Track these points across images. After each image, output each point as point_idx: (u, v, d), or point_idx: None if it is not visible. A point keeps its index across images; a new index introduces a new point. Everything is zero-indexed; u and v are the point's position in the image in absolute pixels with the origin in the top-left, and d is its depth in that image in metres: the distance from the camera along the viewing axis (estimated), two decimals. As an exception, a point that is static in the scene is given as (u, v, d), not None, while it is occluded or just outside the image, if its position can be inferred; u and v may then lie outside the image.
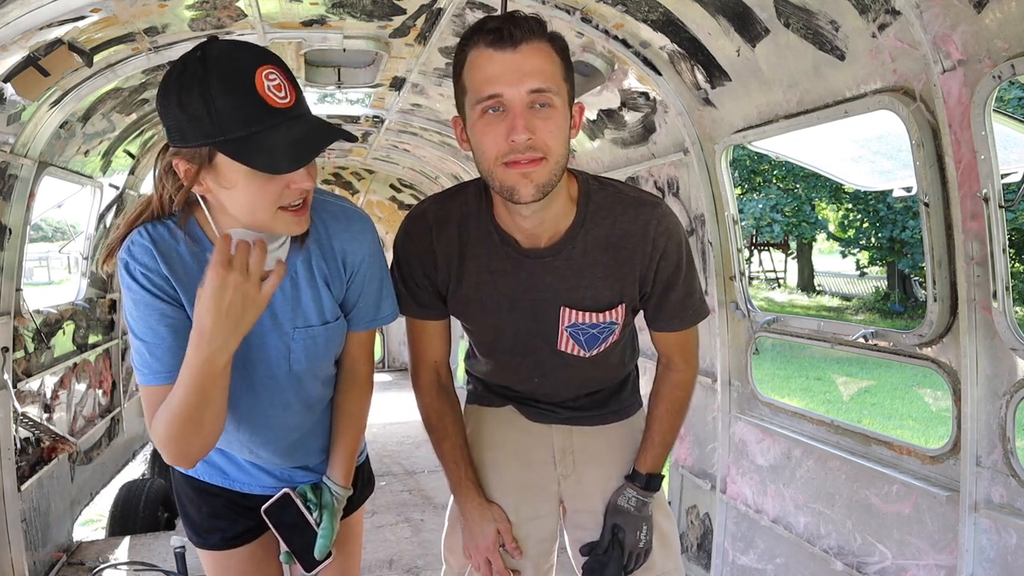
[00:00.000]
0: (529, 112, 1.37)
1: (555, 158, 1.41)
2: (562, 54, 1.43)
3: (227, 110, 1.19)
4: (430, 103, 4.87)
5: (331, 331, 1.53)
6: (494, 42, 1.37)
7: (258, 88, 1.20)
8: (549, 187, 1.43)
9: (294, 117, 1.24)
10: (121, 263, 1.36)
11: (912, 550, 2.31)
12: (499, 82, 1.37)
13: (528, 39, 1.37)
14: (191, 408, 1.29)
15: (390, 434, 6.33)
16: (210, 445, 1.38)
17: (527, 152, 1.38)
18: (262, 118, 1.20)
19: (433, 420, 1.76)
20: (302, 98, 1.28)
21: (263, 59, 1.23)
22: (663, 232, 1.56)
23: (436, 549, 3.86)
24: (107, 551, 4.05)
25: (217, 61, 1.21)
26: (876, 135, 3.23)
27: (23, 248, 3.44)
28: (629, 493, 1.75)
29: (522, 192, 1.41)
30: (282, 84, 1.23)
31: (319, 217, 1.47)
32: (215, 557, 1.69)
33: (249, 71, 1.20)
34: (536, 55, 1.38)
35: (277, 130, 1.21)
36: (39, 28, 2.50)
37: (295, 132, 1.23)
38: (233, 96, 1.20)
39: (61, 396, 4.12)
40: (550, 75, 1.39)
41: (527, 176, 1.40)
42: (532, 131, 1.37)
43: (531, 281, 1.59)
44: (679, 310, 1.66)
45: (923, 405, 9.86)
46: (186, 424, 1.31)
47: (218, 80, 1.19)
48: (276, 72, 1.23)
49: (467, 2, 3.08)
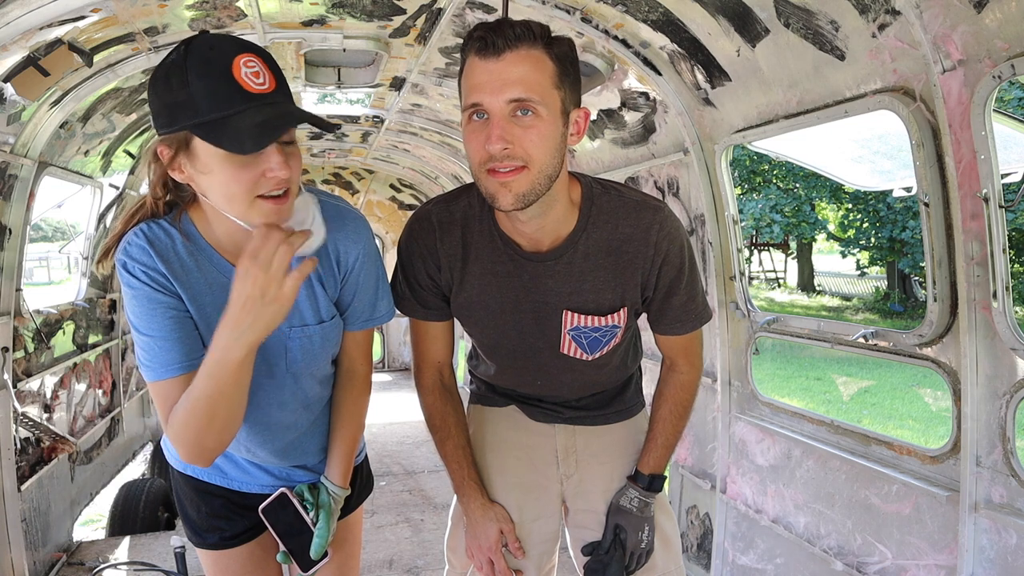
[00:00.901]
0: (510, 121, 1.37)
1: (538, 167, 1.39)
2: (559, 60, 1.39)
3: (202, 92, 1.21)
4: (430, 103, 4.87)
5: (327, 330, 1.53)
6: (480, 50, 1.38)
7: (234, 72, 1.21)
8: (532, 196, 1.42)
9: (270, 103, 1.24)
10: (119, 264, 1.37)
11: (912, 550, 2.31)
12: (481, 91, 1.37)
13: (514, 47, 1.36)
14: (205, 400, 1.29)
15: (390, 434, 6.33)
16: (226, 442, 1.38)
17: (505, 161, 1.37)
18: (235, 101, 1.21)
19: (436, 420, 1.76)
20: (284, 88, 1.27)
21: (244, 48, 1.25)
22: (665, 236, 1.55)
23: (436, 549, 3.86)
24: (107, 551, 4.04)
25: (198, 48, 1.23)
26: (876, 135, 3.23)
27: (23, 248, 3.44)
28: (632, 494, 1.75)
29: (501, 201, 1.41)
30: (261, 72, 1.23)
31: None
32: (214, 557, 1.69)
33: (227, 57, 1.22)
34: (521, 63, 1.36)
35: (249, 113, 1.21)
36: (39, 28, 2.50)
37: (265, 114, 1.22)
38: (208, 79, 1.21)
39: (61, 396, 4.12)
40: (534, 83, 1.36)
41: (505, 185, 1.39)
42: (511, 140, 1.36)
43: (533, 284, 1.59)
44: (681, 314, 1.66)
45: (923, 405, 9.86)
46: (200, 418, 1.31)
47: (196, 65, 1.21)
48: (256, 60, 1.24)
49: (467, 2, 3.08)
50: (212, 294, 1.42)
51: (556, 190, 1.48)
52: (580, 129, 1.47)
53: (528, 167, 1.39)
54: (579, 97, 1.47)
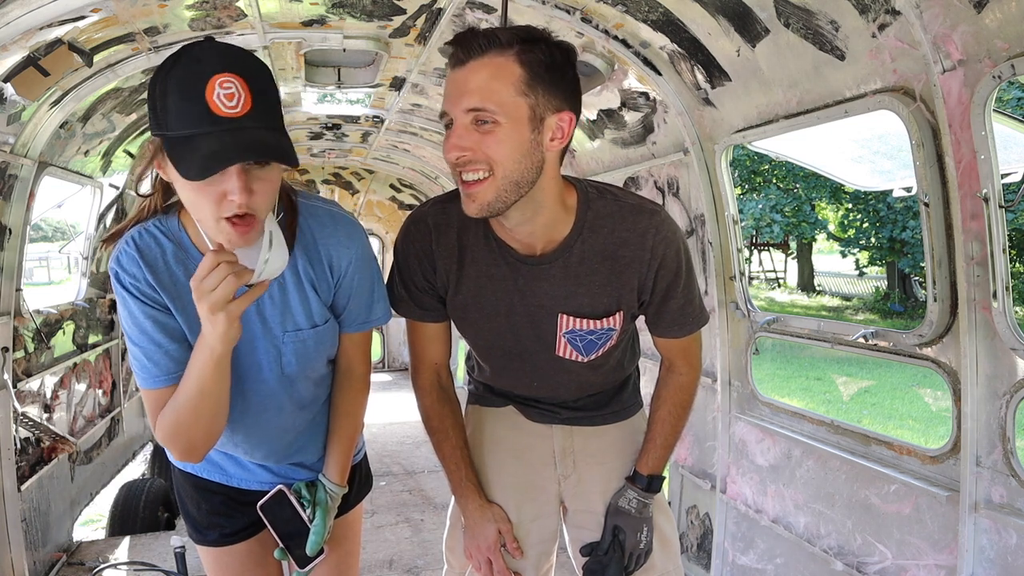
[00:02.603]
0: (470, 128, 1.38)
1: (502, 173, 1.39)
2: (530, 65, 1.36)
3: (173, 107, 1.21)
4: (430, 103, 4.87)
5: (320, 334, 1.54)
6: (450, 60, 1.41)
7: (207, 92, 1.19)
8: (499, 204, 1.42)
9: (237, 128, 1.20)
10: (112, 272, 1.40)
11: (912, 550, 2.31)
12: (447, 99, 1.41)
13: (477, 55, 1.36)
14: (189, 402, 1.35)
15: (390, 434, 6.33)
16: (212, 437, 1.43)
17: (468, 167, 1.40)
18: (200, 123, 1.19)
19: (434, 422, 1.76)
20: (261, 110, 1.23)
21: (229, 67, 1.20)
22: (662, 240, 1.55)
23: (436, 549, 3.86)
24: (107, 551, 4.04)
25: (186, 60, 1.22)
26: (876, 135, 3.23)
27: (23, 248, 3.44)
28: (630, 494, 1.75)
29: (467, 209, 1.45)
30: (237, 93, 1.19)
31: (306, 222, 1.49)
32: (214, 554, 1.71)
33: (206, 75, 1.19)
34: (481, 71, 1.36)
35: (212, 137, 1.19)
36: (39, 28, 2.50)
37: (223, 142, 1.19)
38: (180, 95, 1.20)
39: (61, 396, 4.12)
40: (493, 92, 1.35)
41: (470, 196, 1.43)
42: (468, 147, 1.38)
43: (528, 288, 1.59)
44: (678, 317, 1.66)
45: (923, 405, 9.86)
46: (187, 417, 1.37)
47: (176, 77, 1.21)
48: (234, 80, 1.19)
49: (467, 2, 3.08)
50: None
51: (541, 196, 1.47)
52: (564, 134, 1.44)
53: (493, 173, 1.39)
54: (565, 101, 1.42)
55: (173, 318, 1.40)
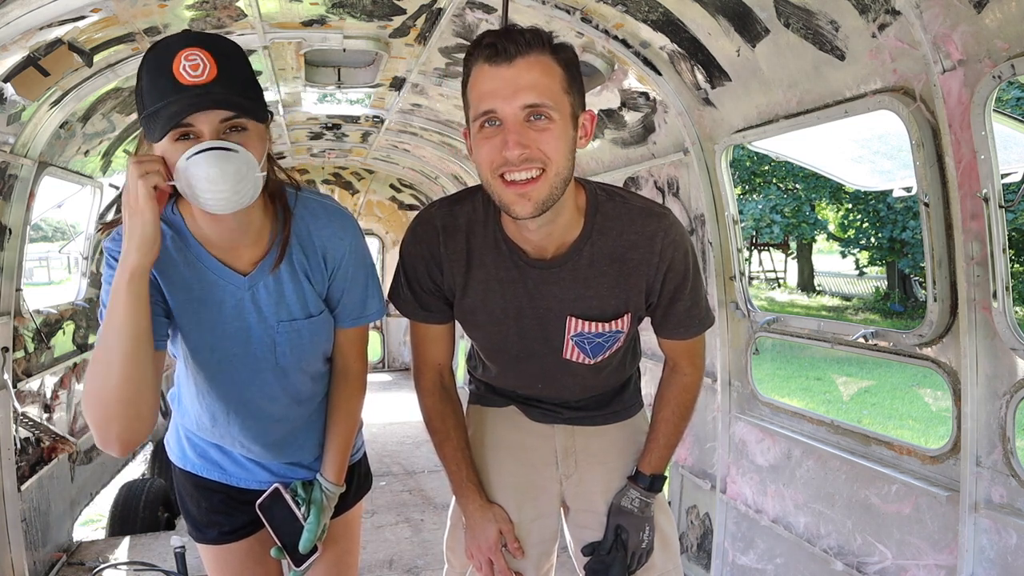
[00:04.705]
0: (524, 126, 1.38)
1: (555, 169, 1.41)
2: (567, 65, 1.42)
3: (147, 88, 1.28)
4: (430, 103, 4.87)
5: (315, 325, 1.56)
6: (490, 57, 1.39)
7: (173, 66, 1.25)
8: (550, 202, 1.43)
9: (202, 93, 1.25)
10: (106, 249, 1.43)
11: (912, 550, 2.31)
12: (494, 97, 1.38)
13: (524, 53, 1.37)
14: (100, 339, 1.31)
15: (390, 434, 6.33)
16: (126, 406, 1.30)
17: (523, 165, 1.38)
18: (167, 93, 1.25)
19: (435, 422, 1.77)
20: (228, 76, 1.28)
21: (195, 43, 1.27)
22: (670, 243, 1.56)
23: (436, 549, 3.86)
24: (107, 551, 4.04)
25: (157, 47, 1.29)
26: (876, 135, 3.23)
27: (23, 248, 3.44)
28: (632, 494, 1.76)
29: (519, 210, 1.42)
30: (202, 63, 1.26)
31: (300, 214, 1.51)
32: (214, 552, 1.72)
33: (172, 52, 1.26)
34: (532, 69, 1.37)
35: (177, 102, 1.25)
36: (39, 28, 2.50)
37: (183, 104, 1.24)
38: (152, 74, 1.27)
39: (61, 396, 4.12)
40: (545, 88, 1.38)
41: (524, 195, 1.40)
42: (527, 144, 1.37)
43: (537, 291, 1.60)
44: (685, 319, 1.66)
45: (923, 405, 9.86)
46: (97, 378, 1.31)
47: (148, 61, 1.28)
48: (199, 53, 1.26)
49: (467, 2, 3.08)
50: (200, 288, 1.46)
51: (565, 196, 1.48)
52: (588, 132, 1.49)
53: (546, 171, 1.40)
54: (584, 101, 1.48)
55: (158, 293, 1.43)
